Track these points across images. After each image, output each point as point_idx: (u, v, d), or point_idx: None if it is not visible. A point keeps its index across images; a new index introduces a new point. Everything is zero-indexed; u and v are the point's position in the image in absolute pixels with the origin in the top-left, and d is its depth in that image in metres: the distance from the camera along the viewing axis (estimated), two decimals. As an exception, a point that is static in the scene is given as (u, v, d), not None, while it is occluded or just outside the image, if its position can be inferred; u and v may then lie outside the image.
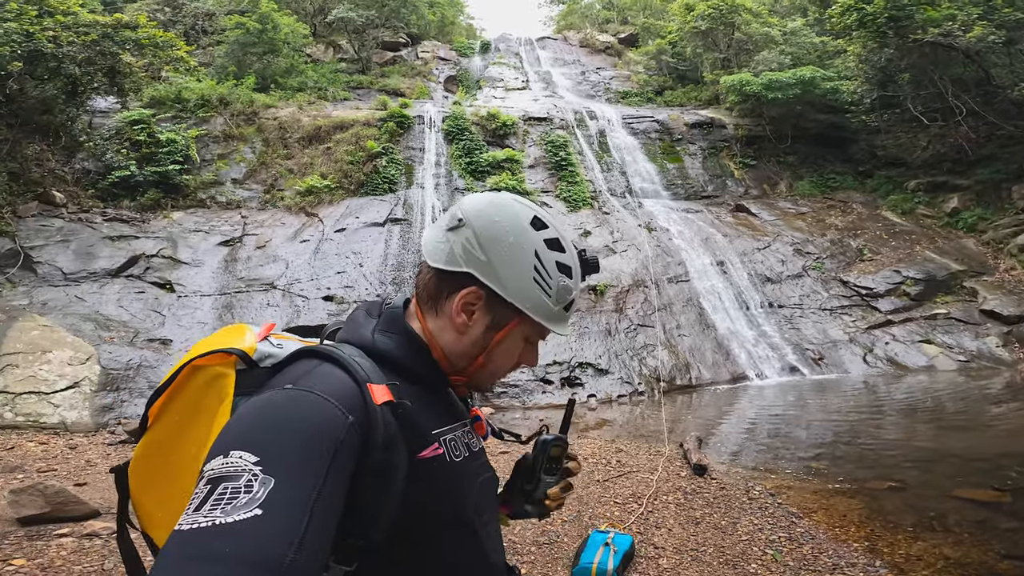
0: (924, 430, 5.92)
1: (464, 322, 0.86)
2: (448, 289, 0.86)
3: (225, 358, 0.80)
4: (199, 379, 0.79)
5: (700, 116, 17.31)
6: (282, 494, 0.59)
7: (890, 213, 14.29)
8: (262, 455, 0.62)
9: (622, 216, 13.64)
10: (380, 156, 13.96)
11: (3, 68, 9.13)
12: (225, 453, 0.63)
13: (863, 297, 11.60)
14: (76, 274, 9.96)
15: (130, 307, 9.71)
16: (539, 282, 0.85)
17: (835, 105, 15.47)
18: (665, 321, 10.91)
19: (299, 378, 0.74)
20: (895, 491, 4.05)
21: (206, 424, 0.77)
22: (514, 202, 0.90)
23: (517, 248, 0.84)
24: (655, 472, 4.67)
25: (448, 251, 0.85)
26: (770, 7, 21.67)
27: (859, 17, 13.32)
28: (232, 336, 0.86)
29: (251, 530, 0.56)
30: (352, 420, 0.70)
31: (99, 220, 11.06)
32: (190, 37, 17.70)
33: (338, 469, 0.66)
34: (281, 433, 0.65)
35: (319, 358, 0.79)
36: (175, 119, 13.67)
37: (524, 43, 25.94)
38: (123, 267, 10.33)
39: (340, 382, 0.74)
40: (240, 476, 0.60)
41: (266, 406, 0.69)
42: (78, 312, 9.30)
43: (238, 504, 0.57)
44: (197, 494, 0.61)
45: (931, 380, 9.13)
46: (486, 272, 0.83)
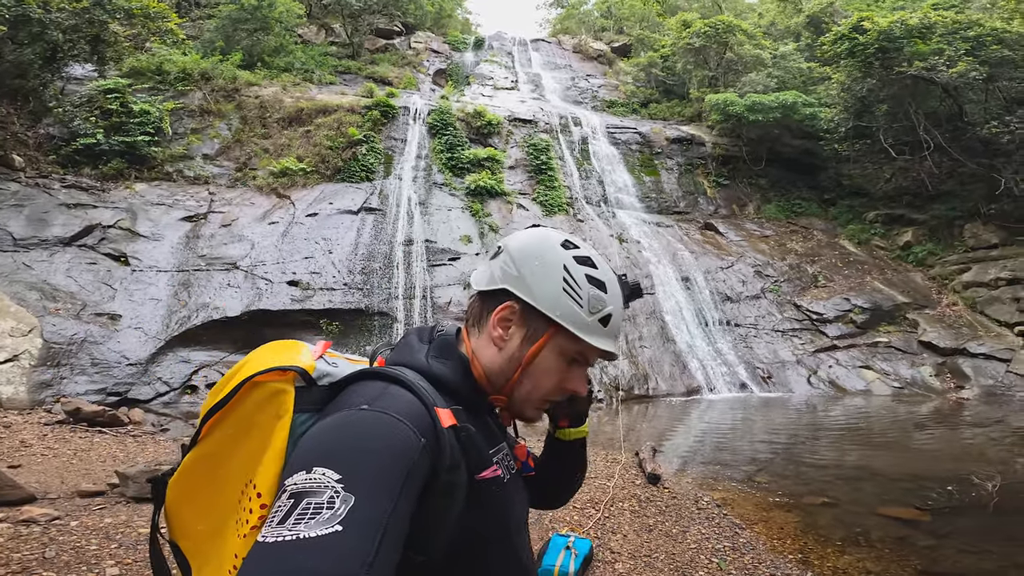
0: (856, 450, 6.34)
1: (501, 335, 0.89)
2: (488, 308, 0.92)
3: (284, 375, 0.81)
4: (257, 395, 0.80)
5: (681, 132, 17.71)
6: (361, 512, 0.61)
7: (847, 242, 14.98)
8: (344, 473, 0.64)
9: (596, 225, 13.87)
10: (361, 144, 13.79)
11: None
12: (308, 469, 0.65)
13: (813, 321, 12.17)
14: (26, 240, 9.48)
15: (80, 278, 9.30)
16: (569, 291, 0.88)
17: (811, 131, 16.05)
18: (628, 332, 11.17)
19: (374, 400, 0.75)
20: (827, 507, 4.33)
21: (259, 439, 0.78)
22: (550, 231, 0.96)
23: (546, 262, 0.89)
24: (612, 479, 4.83)
25: (489, 275, 0.93)
26: (765, 29, 22.34)
27: (850, 46, 13.85)
28: (287, 352, 0.86)
29: (332, 546, 0.58)
30: (424, 443, 0.72)
31: (57, 186, 10.56)
32: (181, 8, 17.20)
33: (410, 490, 0.68)
34: (362, 452, 0.68)
35: (386, 380, 0.81)
36: (152, 91, 13.22)
37: (518, 43, 26.02)
38: (77, 236, 9.89)
39: (412, 405, 0.76)
40: (323, 492, 0.62)
41: (347, 425, 0.71)
42: (24, 280, 8.86)
43: (320, 519, 0.60)
44: (280, 507, 0.63)
45: (866, 403, 9.69)
46: (519, 285, 0.88)
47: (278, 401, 0.79)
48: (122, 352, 8.49)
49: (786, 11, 23.26)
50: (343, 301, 10.36)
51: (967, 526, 3.92)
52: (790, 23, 22.28)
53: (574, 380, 0.93)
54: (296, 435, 0.76)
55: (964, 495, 4.39)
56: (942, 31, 12.84)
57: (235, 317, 9.52)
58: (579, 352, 0.90)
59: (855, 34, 13.76)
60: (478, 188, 13.54)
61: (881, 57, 13.35)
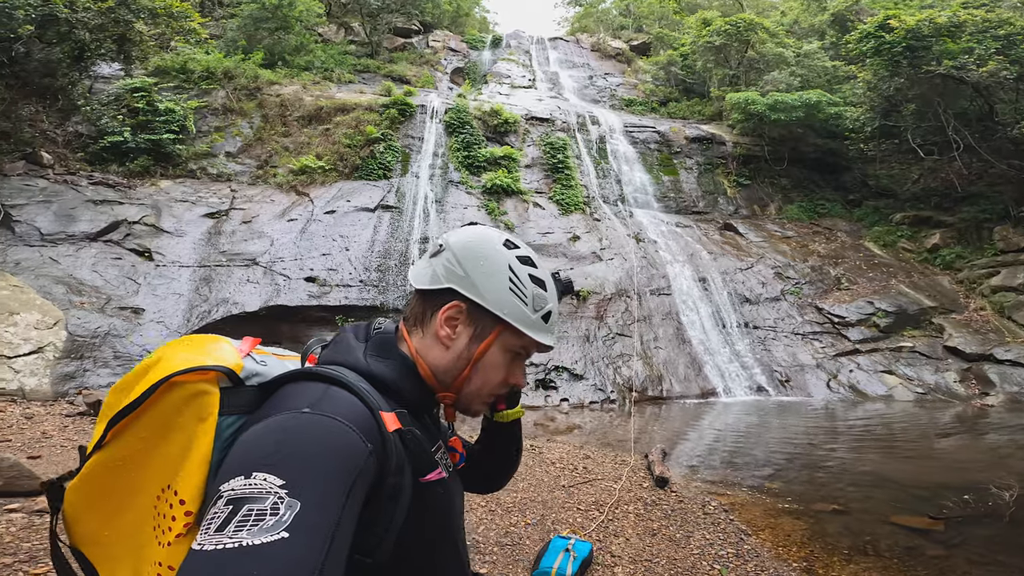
0: (873, 456, 6.18)
1: (448, 335, 0.89)
2: (432, 307, 0.91)
3: (205, 375, 0.76)
4: (175, 396, 0.75)
5: (701, 131, 17.44)
6: (307, 519, 0.60)
7: (872, 244, 14.62)
8: (288, 478, 0.62)
9: (612, 224, 13.77)
10: (378, 142, 13.90)
11: (14, 31, 8.96)
12: (247, 474, 0.63)
13: (835, 325, 11.90)
14: (54, 235, 9.79)
15: (105, 273, 9.57)
16: (515, 291, 0.90)
17: (836, 131, 15.68)
18: (643, 332, 11.08)
19: (316, 402, 0.73)
20: (837, 514, 4.24)
21: (178, 444, 0.74)
22: (490, 230, 0.97)
23: (492, 262, 0.90)
24: (619, 481, 4.80)
25: (431, 273, 0.91)
26: (788, 28, 21.93)
27: (876, 44, 13.51)
28: (208, 349, 0.81)
29: (277, 553, 0.56)
30: (370, 448, 0.71)
31: (84, 183, 10.88)
32: (204, 7, 17.50)
33: (356, 496, 0.67)
34: (307, 457, 0.65)
35: (325, 381, 0.78)
36: (177, 89, 13.53)
37: (535, 42, 25.93)
38: (103, 231, 10.18)
39: (357, 409, 0.75)
40: (265, 498, 0.60)
41: (289, 428, 0.69)
42: (51, 274, 9.14)
43: (264, 526, 0.58)
44: (217, 514, 0.60)
45: (887, 409, 9.45)
46: (466, 285, 0.88)
47: (200, 403, 0.75)
48: (144, 345, 8.71)
49: (810, 9, 22.76)
50: (359, 298, 10.48)
51: (980, 536, 3.81)
52: (814, 21, 21.79)
53: (517, 374, 0.97)
54: (223, 439, 0.73)
55: (980, 504, 4.26)
56: (972, 29, 12.43)
57: (253, 312, 9.71)
58: (522, 347, 0.94)
59: (881, 32, 13.41)
60: (494, 186, 13.55)
61: (909, 56, 12.97)
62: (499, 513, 4.12)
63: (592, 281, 11.74)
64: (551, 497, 4.46)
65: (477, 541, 3.65)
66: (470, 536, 3.72)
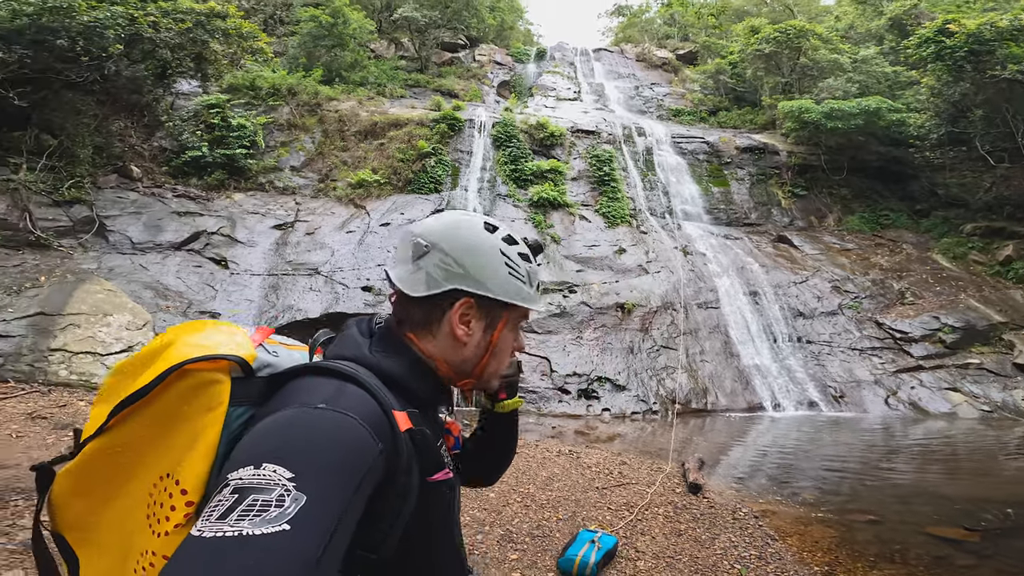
0: (925, 472, 6.02)
1: (465, 332, 0.90)
2: (438, 311, 0.90)
3: (218, 363, 0.76)
4: (186, 384, 0.74)
5: (753, 140, 17.06)
6: (311, 513, 0.60)
7: (940, 257, 13.87)
8: (297, 472, 0.62)
9: (659, 237, 13.73)
10: (429, 156, 14.48)
11: (105, 49, 9.73)
12: (257, 464, 0.62)
13: (896, 340, 11.38)
14: (143, 244, 10.80)
15: (187, 279, 10.49)
16: (514, 274, 0.93)
17: (899, 138, 15.03)
18: (689, 345, 11.01)
19: (331, 399, 0.73)
20: (872, 524, 4.22)
21: (184, 432, 0.73)
22: (464, 216, 0.96)
23: (486, 253, 0.91)
24: (652, 486, 4.93)
25: (425, 278, 0.89)
26: (843, 33, 21.17)
27: (937, 49, 13.02)
28: (221, 336, 0.81)
29: (278, 545, 0.56)
30: (381, 448, 0.72)
31: (169, 196, 11.96)
32: (268, 26, 18.69)
33: (362, 494, 0.67)
34: (318, 452, 0.65)
35: (339, 378, 0.78)
36: (247, 105, 14.56)
37: (580, 53, 26.02)
38: (186, 241, 11.16)
39: (370, 407, 0.75)
40: (272, 490, 0.60)
41: (303, 423, 0.69)
42: (140, 280, 10.07)
43: (267, 517, 0.57)
44: (221, 502, 0.60)
45: (949, 426, 9.06)
46: (469, 282, 0.89)
47: (210, 392, 0.74)
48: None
49: (866, 14, 21.90)
50: (410, 306, 10.98)
51: (1015, 548, 3.73)
52: (871, 26, 20.97)
53: (520, 340, 1.02)
54: (231, 430, 0.74)
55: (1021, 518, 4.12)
56: (1036, 33, 11.78)
57: (315, 319, 10.37)
58: (524, 317, 0.99)
59: (941, 37, 12.88)
60: (541, 200, 13.79)
61: (972, 60, 12.38)
62: (533, 508, 4.36)
63: (637, 294, 11.77)
64: (584, 497, 4.65)
65: (511, 532, 3.90)
66: (504, 527, 3.98)
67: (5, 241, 9.29)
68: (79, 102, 10.60)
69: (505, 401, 1.15)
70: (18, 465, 4.37)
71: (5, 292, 8.45)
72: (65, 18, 9.01)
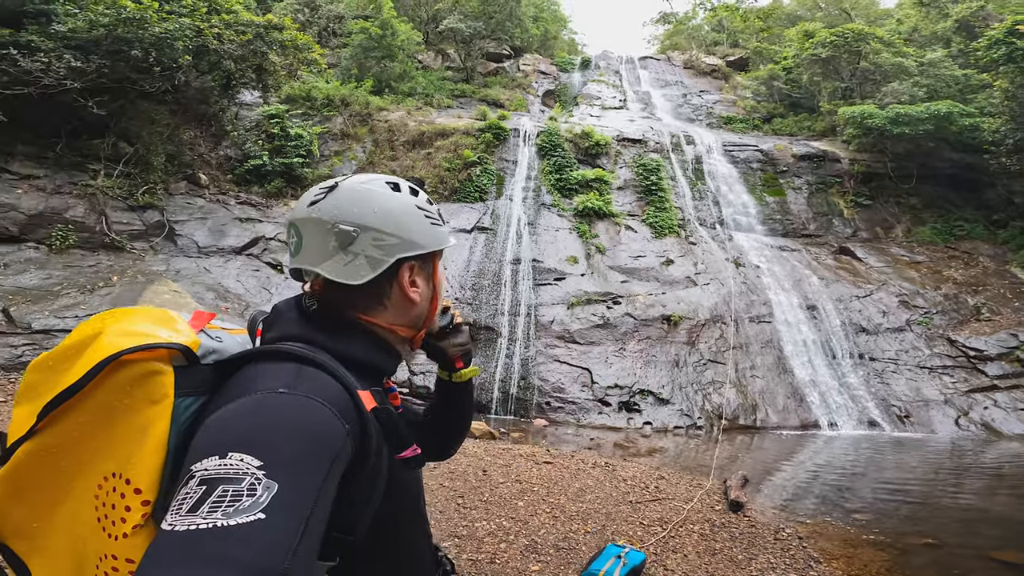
0: (994, 495, 5.52)
1: (416, 291, 0.93)
2: (385, 284, 0.89)
3: (157, 352, 0.71)
4: (123, 376, 0.70)
5: (811, 148, 16.35)
6: (283, 500, 0.58)
7: (1020, 270, 12.78)
8: (266, 459, 0.60)
9: (709, 247, 13.30)
10: (475, 165, 14.67)
11: (175, 60, 10.26)
12: (222, 454, 0.60)
13: (970, 359, 10.56)
14: (208, 248, 11.45)
15: (246, 282, 11.02)
16: (433, 222, 0.94)
17: (973, 144, 14.16)
18: (739, 360, 10.56)
19: (292, 383, 0.71)
20: (930, 548, 3.90)
21: (127, 428, 0.69)
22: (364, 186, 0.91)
23: (408, 214, 0.90)
24: (689, 502, 4.71)
25: (365, 262, 0.86)
26: (906, 36, 20.15)
27: (1008, 51, 12.49)
28: (156, 323, 0.77)
29: (253, 535, 0.55)
30: (348, 429, 0.70)
31: (232, 202, 12.65)
32: (322, 38, 19.39)
33: (333, 477, 0.66)
34: (286, 439, 0.64)
35: (297, 361, 0.76)
36: (304, 116, 15.21)
37: (625, 61, 25.81)
38: (246, 246, 11.75)
39: (334, 390, 0.73)
40: (242, 479, 0.58)
41: (266, 409, 0.67)
42: (204, 282, 10.67)
43: (240, 507, 0.56)
44: (189, 494, 0.58)
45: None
46: (407, 247, 0.89)
47: (152, 383, 0.70)
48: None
49: (930, 16, 20.67)
50: (453, 313, 11.10)
51: None
52: (936, 28, 19.82)
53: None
54: (180, 422, 0.71)
55: None
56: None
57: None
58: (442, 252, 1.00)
59: (1012, 38, 12.15)
60: (586, 209, 13.66)
61: None
62: (562, 520, 4.25)
63: (685, 306, 11.41)
64: (616, 510, 4.50)
65: (536, 542, 3.81)
66: (529, 537, 3.89)
67: (83, 243, 10.02)
68: (153, 112, 11.29)
69: (462, 370, 1.14)
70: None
71: (79, 291, 9.12)
72: (138, 29, 9.54)
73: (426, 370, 9.57)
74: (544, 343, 10.64)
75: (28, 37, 9.11)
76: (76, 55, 9.30)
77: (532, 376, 10.09)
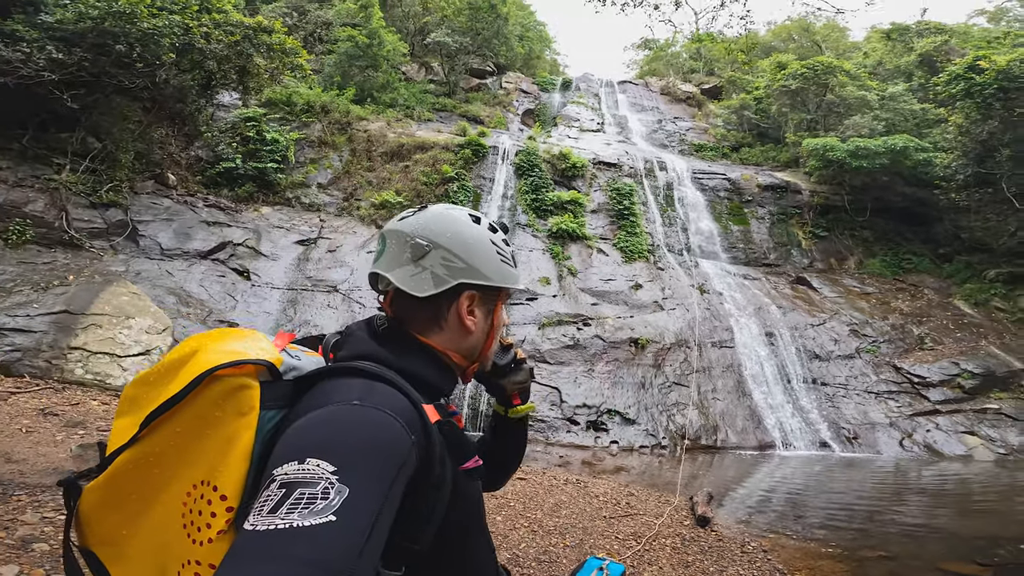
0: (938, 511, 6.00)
1: (473, 321, 0.96)
2: (444, 305, 0.95)
3: (247, 368, 0.77)
4: (216, 390, 0.75)
5: (775, 178, 16.96)
6: (354, 504, 0.62)
7: (962, 303, 13.67)
8: (339, 464, 0.65)
9: (676, 274, 13.69)
10: (452, 181, 14.70)
11: (159, 57, 9.76)
12: (301, 460, 0.65)
13: (914, 385, 11.25)
14: (172, 251, 11.02)
15: (210, 288, 10.68)
16: (504, 260, 0.99)
17: (925, 179, 14.79)
18: (701, 383, 10.93)
19: (365, 396, 0.76)
20: (883, 559, 4.19)
21: (217, 438, 0.74)
22: (449, 211, 1.00)
23: (481, 245, 0.96)
24: (660, 518, 4.88)
25: (430, 277, 0.93)
26: (871, 69, 21.00)
27: (967, 86, 13.03)
28: (247, 342, 0.83)
29: (325, 535, 0.59)
30: (414, 440, 0.75)
31: (200, 205, 12.25)
32: (308, 43, 19.09)
33: (399, 485, 0.70)
34: (358, 446, 0.68)
35: (368, 377, 0.81)
36: (281, 120, 14.93)
37: (604, 85, 26.28)
38: (212, 251, 11.39)
39: (401, 403, 0.78)
40: (317, 483, 0.63)
41: (341, 419, 0.72)
42: (165, 285, 10.24)
43: (315, 509, 0.60)
44: (270, 497, 0.62)
45: (964, 468, 9.03)
46: (472, 275, 0.94)
47: (241, 397, 0.76)
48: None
49: (895, 50, 21.81)
50: (425, 326, 11.07)
51: None
52: (900, 62, 20.86)
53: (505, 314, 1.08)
54: (263, 432, 0.75)
55: None
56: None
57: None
58: (509, 294, 1.06)
59: (971, 74, 12.90)
60: (560, 231, 13.80)
61: (1002, 98, 12.38)
62: (540, 534, 4.34)
63: (652, 330, 11.74)
64: (592, 525, 4.62)
65: (517, 556, 3.89)
66: (510, 551, 3.96)
67: (39, 238, 9.56)
68: (127, 108, 10.94)
69: (519, 406, 1.20)
70: (25, 460, 4.38)
71: (33, 288, 8.68)
72: (127, 24, 9.29)
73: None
74: (515, 361, 10.71)
75: (13, 26, 8.78)
76: (59, 46, 8.98)
77: (502, 393, 10.13)
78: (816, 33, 28.48)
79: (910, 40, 21.22)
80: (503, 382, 1.15)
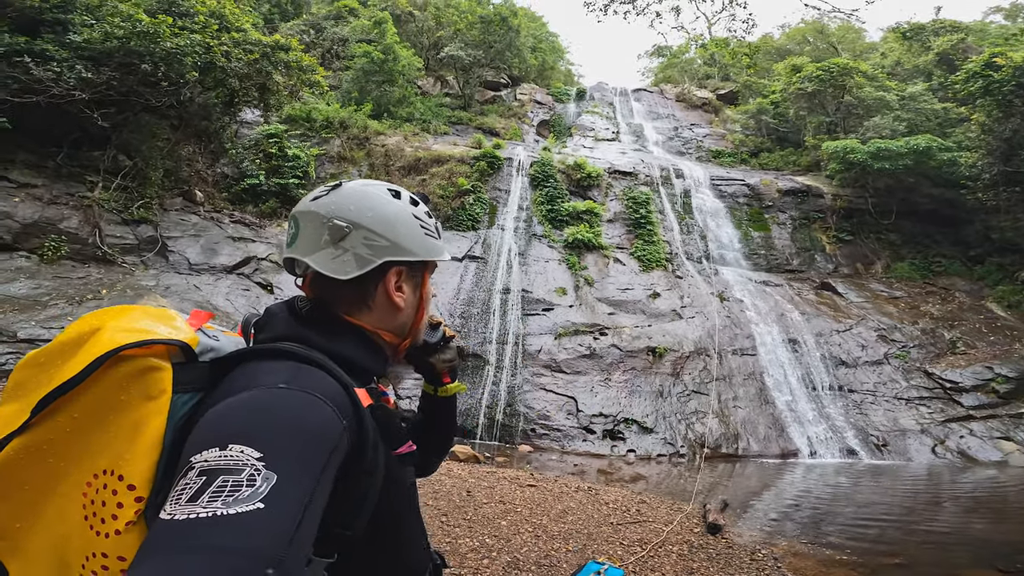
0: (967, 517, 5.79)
1: (401, 297, 0.94)
2: (371, 285, 0.91)
3: (156, 348, 0.72)
4: (121, 372, 0.69)
5: (796, 183, 16.68)
6: (282, 491, 0.59)
7: (995, 305, 13.17)
8: (266, 451, 0.61)
9: (695, 282, 13.51)
10: (468, 193, 14.83)
11: (183, 76, 10.04)
12: (222, 446, 0.62)
13: (946, 390, 10.88)
14: (199, 266, 11.40)
15: (235, 301, 10.97)
16: (428, 233, 0.96)
17: (951, 179, 14.42)
18: (722, 391, 10.74)
19: (292, 379, 0.72)
20: (899, 567, 4.07)
21: (122, 424, 0.69)
22: (366, 188, 0.94)
23: (403, 220, 0.92)
24: (669, 524, 4.81)
25: (353, 259, 0.88)
26: (889, 70, 20.62)
27: (984, 84, 12.74)
28: (156, 320, 0.77)
29: (253, 523, 0.56)
30: (345, 424, 0.72)
31: (226, 221, 12.66)
32: (325, 60, 19.60)
33: (330, 471, 0.67)
34: (285, 431, 0.65)
35: (294, 359, 0.78)
36: (302, 137, 15.33)
37: (619, 93, 26.24)
38: (237, 265, 11.74)
39: (332, 386, 0.75)
40: (241, 470, 0.59)
41: (266, 403, 0.68)
42: (193, 299, 10.55)
43: (240, 497, 0.57)
44: (188, 485, 0.59)
45: (1000, 474, 8.68)
46: (396, 252, 0.91)
47: (150, 379, 0.70)
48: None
49: (912, 49, 21.35)
50: (442, 340, 11.17)
51: None
52: (918, 62, 20.45)
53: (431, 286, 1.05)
54: (176, 418, 0.71)
55: None
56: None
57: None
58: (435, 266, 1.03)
59: (989, 71, 12.57)
60: (576, 241, 13.79)
61: (1021, 94, 12.02)
62: (544, 539, 4.33)
63: (670, 339, 11.61)
64: (597, 531, 4.58)
65: (518, 559, 3.88)
66: (511, 554, 3.96)
67: (74, 254, 10.00)
68: (155, 126, 11.36)
69: (449, 385, 1.17)
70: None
71: (67, 302, 9.10)
72: (150, 43, 9.67)
73: (413, 394, 9.62)
74: (531, 371, 10.75)
75: (43, 46, 9.21)
76: (88, 66, 9.40)
77: (518, 403, 10.16)
78: (831, 35, 28.06)
79: (927, 39, 20.78)
80: (432, 360, 1.13)
